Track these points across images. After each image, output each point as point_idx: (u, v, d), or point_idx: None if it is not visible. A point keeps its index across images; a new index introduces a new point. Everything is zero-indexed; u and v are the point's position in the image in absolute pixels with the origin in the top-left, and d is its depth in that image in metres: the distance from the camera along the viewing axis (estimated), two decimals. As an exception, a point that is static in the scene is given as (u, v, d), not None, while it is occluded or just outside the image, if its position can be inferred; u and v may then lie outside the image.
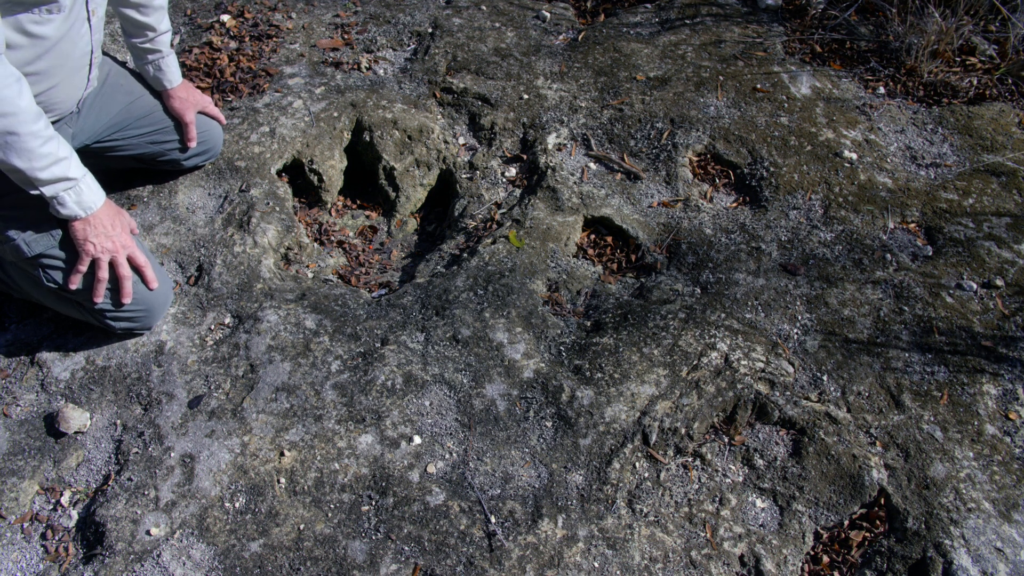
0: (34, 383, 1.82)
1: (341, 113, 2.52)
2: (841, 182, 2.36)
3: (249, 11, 2.94)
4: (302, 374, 1.83)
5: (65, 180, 1.57)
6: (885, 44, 2.92)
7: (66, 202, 1.60)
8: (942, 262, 2.14)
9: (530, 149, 2.51)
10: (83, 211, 1.63)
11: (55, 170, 1.54)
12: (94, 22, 1.66)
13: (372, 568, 1.53)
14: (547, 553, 1.56)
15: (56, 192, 1.57)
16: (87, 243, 1.67)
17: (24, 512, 1.64)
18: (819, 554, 1.62)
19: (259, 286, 2.03)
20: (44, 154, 1.50)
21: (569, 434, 1.74)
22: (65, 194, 1.59)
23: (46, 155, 1.51)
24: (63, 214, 1.62)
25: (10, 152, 1.46)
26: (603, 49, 2.88)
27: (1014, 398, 1.84)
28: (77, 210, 1.62)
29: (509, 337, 1.92)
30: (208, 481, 1.64)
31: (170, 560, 1.53)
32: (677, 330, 1.94)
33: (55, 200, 1.59)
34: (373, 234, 2.50)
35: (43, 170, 1.52)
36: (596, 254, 2.26)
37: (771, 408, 1.79)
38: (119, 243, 1.71)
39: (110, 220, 1.69)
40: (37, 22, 1.50)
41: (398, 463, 1.68)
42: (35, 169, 1.50)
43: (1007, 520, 1.62)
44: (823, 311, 2.01)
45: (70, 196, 1.60)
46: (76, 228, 1.66)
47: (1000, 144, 2.51)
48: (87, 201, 1.63)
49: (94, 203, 1.65)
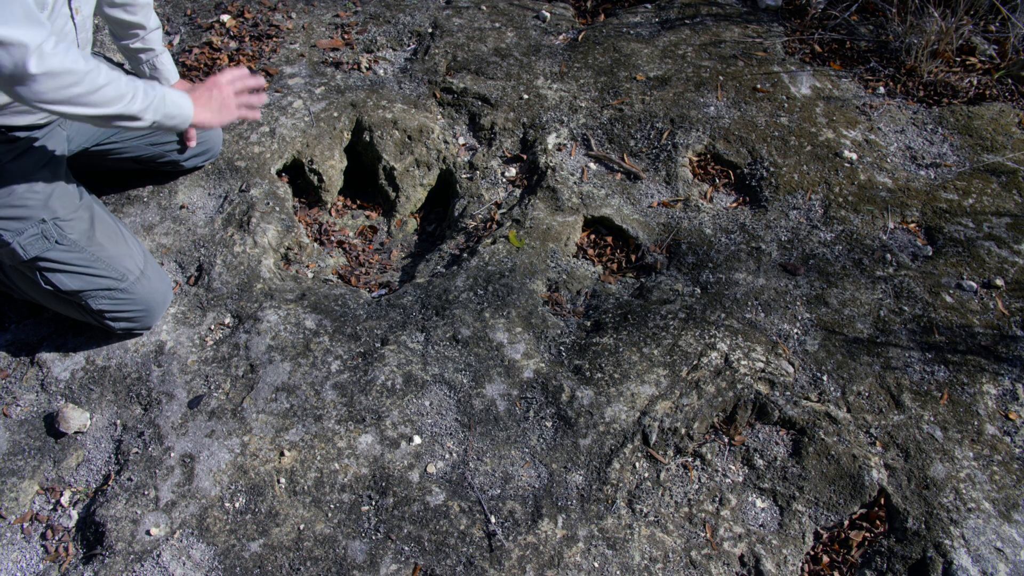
0: (34, 383, 1.82)
1: (341, 113, 2.52)
2: (841, 182, 2.36)
3: (249, 11, 2.94)
4: (302, 374, 1.83)
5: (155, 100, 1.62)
6: (885, 44, 2.92)
7: (173, 113, 1.67)
8: (942, 262, 2.14)
9: (530, 149, 2.51)
10: (188, 110, 1.72)
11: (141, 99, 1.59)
12: (78, 20, 1.64)
13: (372, 568, 1.53)
14: (547, 553, 1.56)
15: (160, 112, 1.64)
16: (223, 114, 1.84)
17: (24, 512, 1.64)
18: (819, 554, 1.62)
19: (259, 286, 2.03)
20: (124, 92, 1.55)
21: (569, 434, 1.74)
22: (167, 108, 1.65)
23: (126, 92, 1.55)
24: (178, 124, 1.71)
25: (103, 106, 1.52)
26: (603, 49, 2.88)
27: (1014, 398, 1.84)
28: (185, 113, 1.71)
29: (509, 337, 1.92)
30: (208, 481, 1.64)
31: (170, 560, 1.53)
32: (677, 330, 1.94)
33: (165, 119, 1.66)
34: (373, 234, 2.50)
35: (134, 103, 1.57)
36: (596, 254, 2.26)
37: (771, 408, 1.79)
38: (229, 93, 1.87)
39: (205, 93, 1.81)
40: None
41: (398, 463, 1.68)
42: (129, 107, 1.56)
43: (1007, 520, 1.62)
44: (823, 311, 2.01)
45: (165, 106, 1.65)
46: (202, 122, 1.78)
47: (1000, 144, 2.51)
48: (182, 102, 1.70)
49: (186, 100, 1.72)
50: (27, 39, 1.34)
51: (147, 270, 1.83)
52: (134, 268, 1.79)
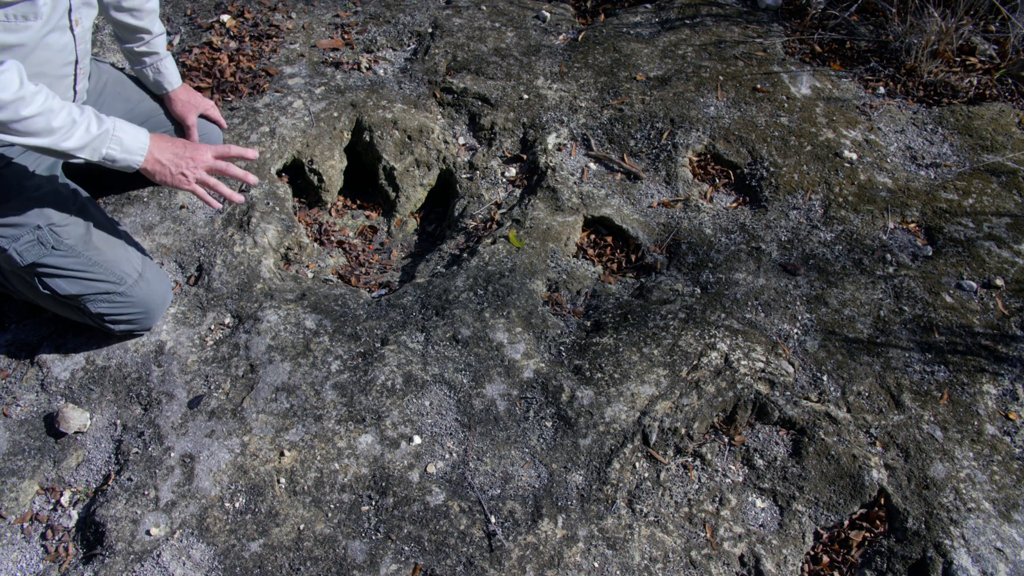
0: (34, 383, 1.82)
1: (341, 113, 2.53)
2: (841, 182, 2.36)
3: (249, 11, 2.94)
4: (302, 374, 1.83)
5: (95, 139, 1.54)
6: (885, 44, 2.92)
7: (115, 157, 1.58)
8: (942, 262, 2.14)
9: (530, 149, 2.51)
10: (138, 156, 1.61)
11: (79, 136, 1.51)
12: (78, 32, 1.61)
13: (372, 568, 1.53)
14: (547, 553, 1.56)
15: (98, 153, 1.55)
16: (177, 178, 1.65)
17: (24, 512, 1.64)
18: (819, 554, 1.62)
19: (259, 286, 2.03)
20: (57, 127, 1.47)
21: (569, 434, 1.74)
22: (107, 150, 1.56)
23: (60, 127, 1.48)
24: (123, 168, 1.60)
25: (29, 136, 1.45)
26: (603, 49, 2.88)
27: (1014, 398, 1.84)
28: (131, 159, 1.60)
29: (509, 337, 1.92)
30: (208, 481, 1.64)
31: (170, 560, 1.53)
32: (677, 330, 1.94)
33: (105, 160, 1.57)
34: (373, 234, 2.50)
35: (67, 140, 1.49)
36: (596, 254, 2.26)
37: (771, 408, 1.79)
38: (198, 159, 1.69)
39: (171, 147, 1.67)
40: (11, 29, 1.43)
41: (398, 463, 1.68)
42: (60, 142, 1.48)
43: (1007, 520, 1.62)
44: (823, 311, 2.01)
45: (113, 150, 1.57)
46: (152, 173, 1.64)
47: (1000, 144, 2.51)
48: (131, 145, 1.60)
49: (140, 144, 1.62)
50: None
51: (145, 272, 1.83)
52: (132, 271, 1.79)
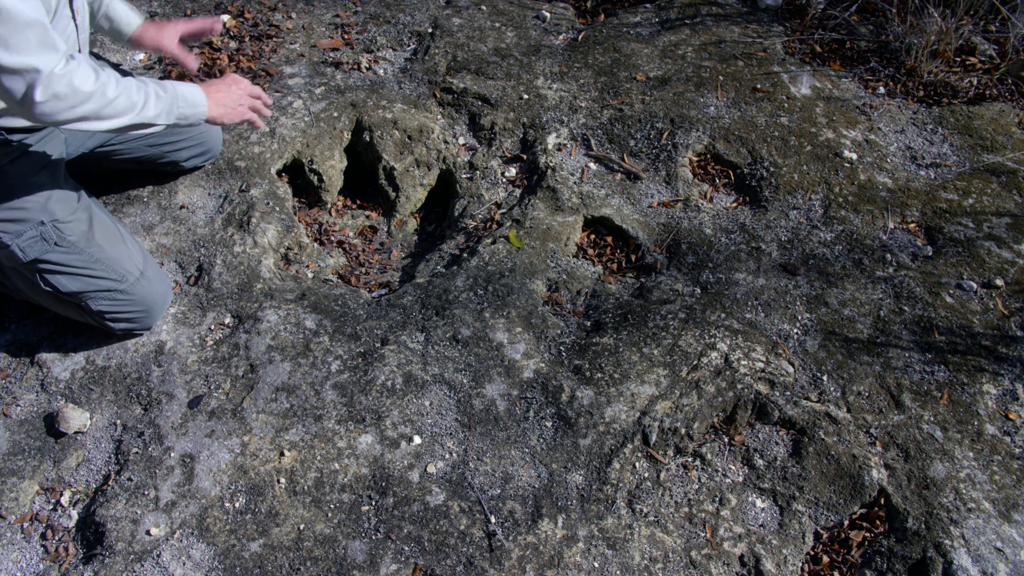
0: (34, 383, 1.82)
1: (341, 113, 2.53)
2: (841, 182, 2.36)
3: (249, 11, 2.94)
4: (302, 374, 1.83)
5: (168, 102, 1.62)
6: (885, 44, 2.92)
7: (187, 113, 1.67)
8: (942, 262, 2.14)
9: (530, 149, 2.51)
10: (203, 107, 1.71)
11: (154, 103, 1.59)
12: (79, 21, 1.64)
13: (372, 568, 1.53)
14: (547, 553, 1.56)
15: (173, 115, 1.64)
16: (238, 112, 1.80)
17: (24, 512, 1.64)
18: (819, 554, 1.62)
19: (259, 286, 2.03)
20: (137, 100, 1.55)
21: (569, 434, 1.74)
22: (180, 109, 1.65)
23: (139, 100, 1.56)
24: (194, 122, 1.71)
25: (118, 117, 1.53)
26: (603, 49, 2.88)
27: (1014, 398, 1.84)
28: (199, 111, 1.70)
29: (509, 337, 1.92)
30: (208, 481, 1.64)
31: (170, 560, 1.53)
32: (677, 330, 1.94)
33: (180, 120, 1.66)
34: (373, 234, 2.50)
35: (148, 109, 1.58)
36: (596, 254, 2.26)
37: (771, 408, 1.79)
38: (243, 88, 1.84)
39: (217, 88, 1.78)
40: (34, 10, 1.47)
41: (398, 463, 1.68)
42: (143, 114, 1.57)
43: (1007, 520, 1.62)
44: (823, 311, 2.01)
45: (184, 108, 1.66)
46: (216, 118, 1.75)
47: (1000, 144, 2.51)
48: (195, 99, 1.69)
49: (199, 95, 1.71)
50: (41, 65, 1.37)
51: (147, 271, 1.83)
52: (133, 269, 1.79)
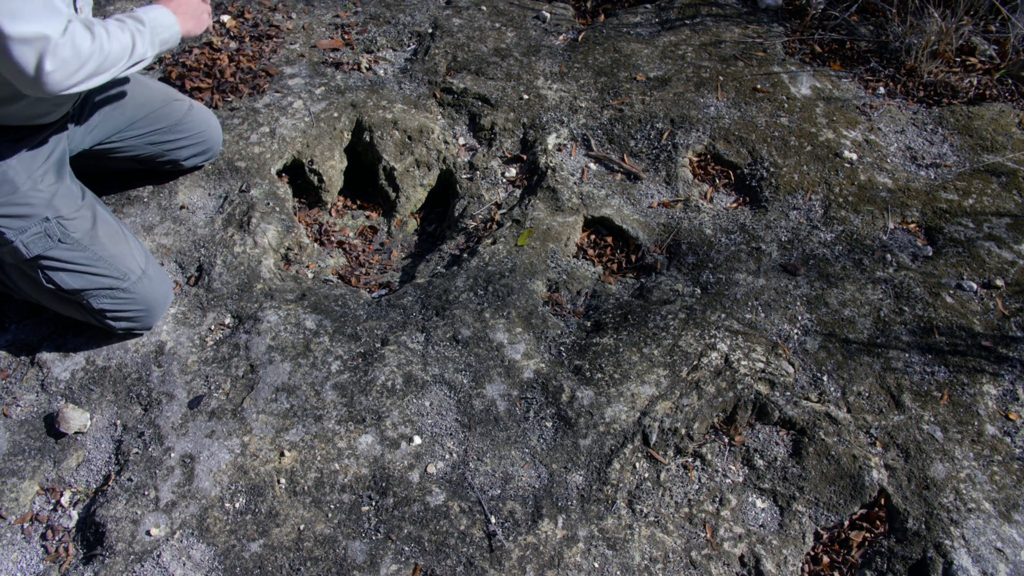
0: (34, 383, 1.82)
1: (341, 113, 2.53)
2: (841, 182, 2.36)
3: (249, 11, 2.94)
4: (302, 374, 1.83)
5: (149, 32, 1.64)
6: (885, 44, 2.92)
7: (166, 38, 1.70)
8: (942, 262, 2.14)
9: (530, 149, 2.51)
10: (176, 26, 1.74)
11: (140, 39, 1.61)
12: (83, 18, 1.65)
13: (372, 568, 1.53)
14: (547, 553, 1.56)
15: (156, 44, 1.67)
16: (202, 20, 1.83)
17: (24, 512, 1.64)
18: (819, 554, 1.62)
19: (259, 286, 2.03)
20: (128, 42, 1.58)
21: (569, 434, 1.74)
22: (160, 35, 1.68)
23: (129, 41, 1.58)
24: (172, 46, 1.75)
25: (117, 65, 1.56)
26: (603, 49, 2.88)
27: (1014, 398, 1.84)
28: (174, 31, 1.73)
29: (509, 337, 1.92)
30: (208, 481, 1.64)
31: (170, 560, 1.53)
32: (677, 330, 1.94)
33: (163, 46, 1.70)
34: (373, 234, 2.50)
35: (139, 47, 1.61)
36: (596, 254, 2.26)
37: (771, 408, 1.79)
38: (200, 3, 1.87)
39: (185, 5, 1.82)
40: None
41: (398, 463, 1.68)
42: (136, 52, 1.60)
43: (1007, 520, 1.62)
44: (823, 311, 2.01)
45: (162, 33, 1.69)
46: (189, 31, 1.79)
47: (1000, 144, 2.51)
48: (166, 20, 1.71)
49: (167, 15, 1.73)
50: (49, 31, 1.36)
51: (148, 270, 1.83)
52: (136, 268, 1.80)
